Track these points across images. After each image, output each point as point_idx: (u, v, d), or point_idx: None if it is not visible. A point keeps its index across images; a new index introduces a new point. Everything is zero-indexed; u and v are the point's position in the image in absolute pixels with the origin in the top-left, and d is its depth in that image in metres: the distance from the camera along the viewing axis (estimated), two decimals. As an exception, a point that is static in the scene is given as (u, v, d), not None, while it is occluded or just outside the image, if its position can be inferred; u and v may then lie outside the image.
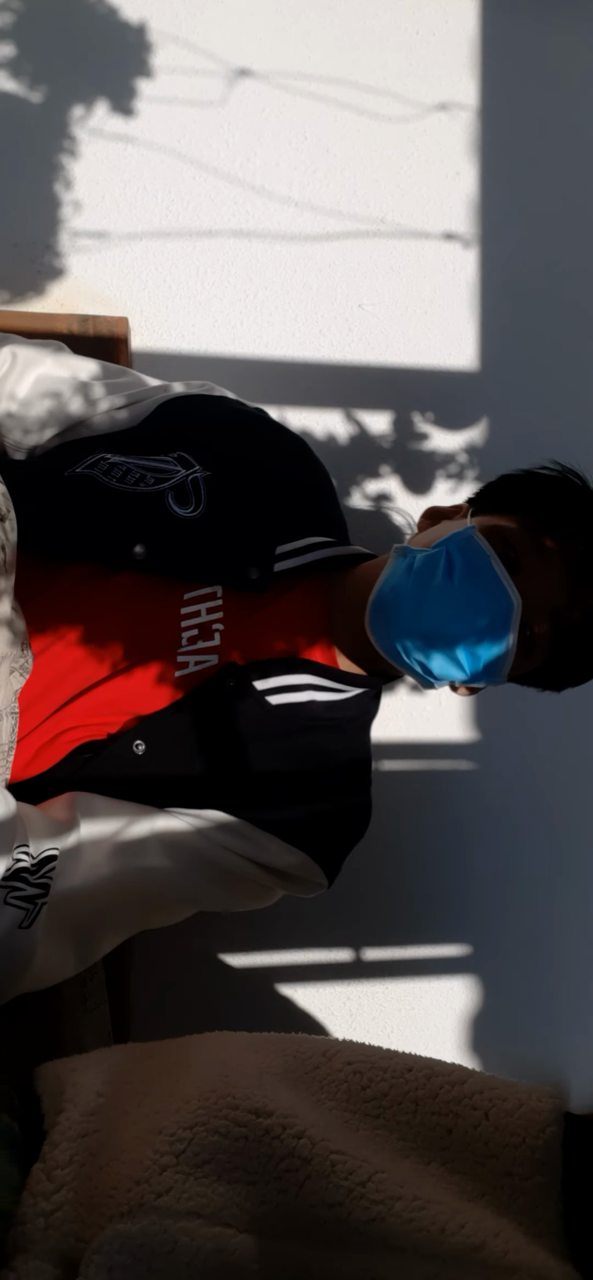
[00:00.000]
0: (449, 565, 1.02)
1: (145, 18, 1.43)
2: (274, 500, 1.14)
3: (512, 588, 1.01)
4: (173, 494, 1.07)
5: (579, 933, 1.61)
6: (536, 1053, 1.60)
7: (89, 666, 1.03)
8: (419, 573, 1.03)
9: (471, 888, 1.57)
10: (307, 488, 1.20)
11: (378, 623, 1.06)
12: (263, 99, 1.48)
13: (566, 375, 1.60)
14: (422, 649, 1.04)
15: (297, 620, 1.10)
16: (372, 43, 1.51)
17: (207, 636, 1.05)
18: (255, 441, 1.18)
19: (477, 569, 1.02)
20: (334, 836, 1.11)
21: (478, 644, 1.02)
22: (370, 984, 1.55)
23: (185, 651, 1.04)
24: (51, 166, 1.42)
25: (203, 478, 1.09)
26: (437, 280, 1.55)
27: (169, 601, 1.06)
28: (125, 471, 1.08)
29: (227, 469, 1.11)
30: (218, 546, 1.07)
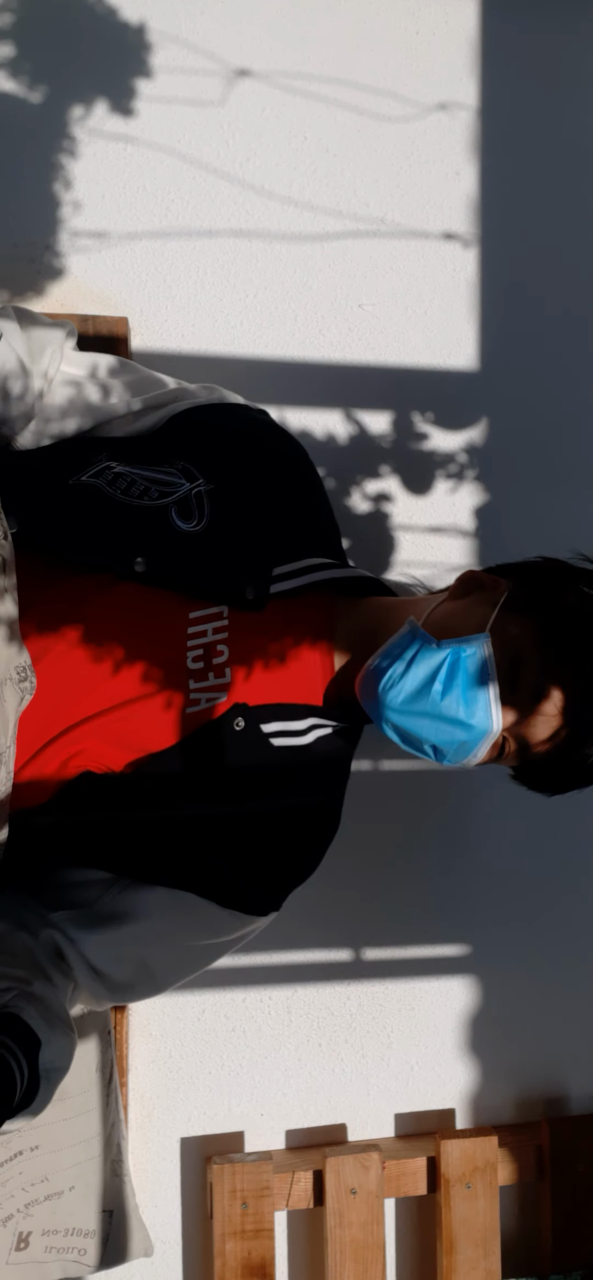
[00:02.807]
0: (449, 676, 1.05)
1: (145, 18, 1.43)
2: (275, 518, 1.15)
3: (498, 714, 1.05)
4: (176, 508, 1.08)
5: (579, 933, 1.61)
6: (536, 1053, 1.60)
7: (97, 690, 1.04)
8: (415, 673, 1.06)
9: (470, 888, 1.57)
10: (306, 502, 1.21)
11: (366, 690, 1.09)
12: (263, 99, 1.48)
13: (566, 375, 1.60)
14: (398, 738, 1.09)
15: (299, 640, 1.11)
16: (372, 43, 1.51)
17: (215, 669, 1.06)
18: (259, 456, 1.18)
19: (473, 686, 1.05)
20: (291, 885, 1.16)
21: (449, 750, 1.08)
22: (370, 984, 1.55)
23: (197, 689, 1.06)
24: (51, 166, 1.42)
25: (206, 491, 1.10)
26: (437, 280, 1.55)
27: (174, 619, 1.07)
28: (130, 483, 1.08)
29: (230, 484, 1.12)
30: (217, 563, 1.08)
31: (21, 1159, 1.30)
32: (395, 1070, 1.56)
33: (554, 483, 1.60)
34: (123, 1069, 1.41)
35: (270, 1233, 1.44)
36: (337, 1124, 1.54)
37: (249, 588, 1.08)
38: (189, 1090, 1.49)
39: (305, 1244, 1.53)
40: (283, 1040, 1.52)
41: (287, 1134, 1.53)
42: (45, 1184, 1.31)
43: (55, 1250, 1.32)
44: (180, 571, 1.06)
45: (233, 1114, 1.51)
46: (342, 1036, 1.54)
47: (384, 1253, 1.47)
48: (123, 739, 1.05)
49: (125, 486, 1.08)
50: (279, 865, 1.13)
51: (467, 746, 1.07)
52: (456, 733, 1.06)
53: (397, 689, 1.05)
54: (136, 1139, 1.47)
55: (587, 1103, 1.61)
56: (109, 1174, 1.37)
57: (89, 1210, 1.35)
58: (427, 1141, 1.54)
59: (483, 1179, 1.51)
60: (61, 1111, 1.32)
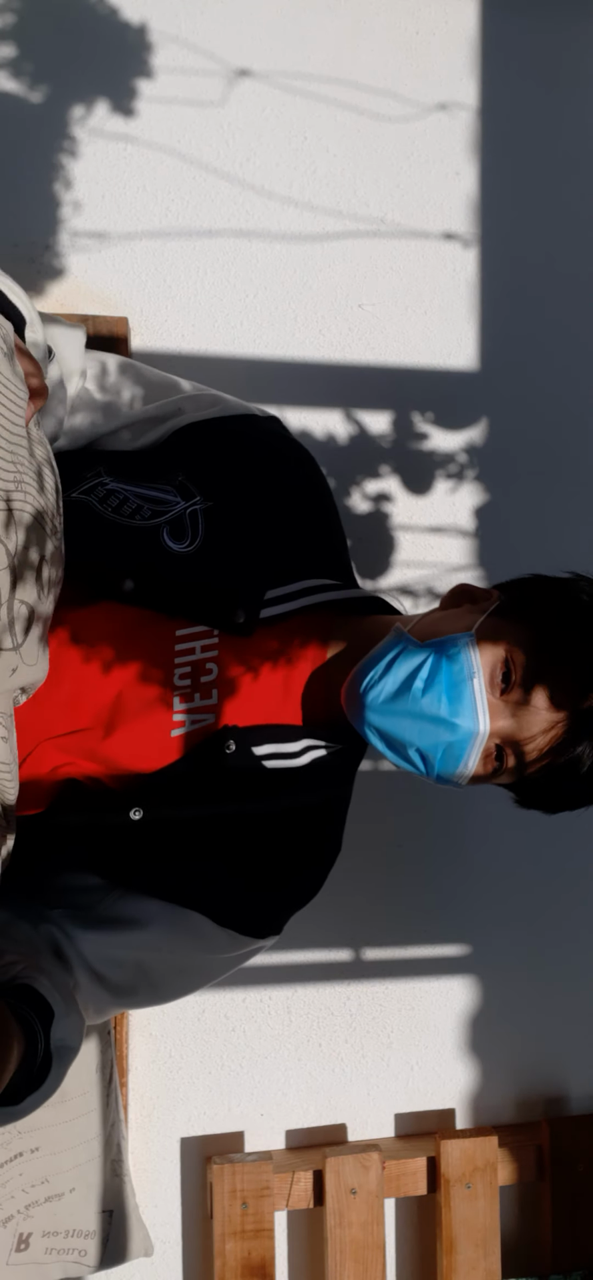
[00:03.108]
0: (431, 673, 1.01)
1: (145, 18, 1.43)
2: (275, 537, 1.12)
3: (484, 714, 1.00)
4: (168, 528, 1.05)
5: (579, 933, 1.61)
6: (536, 1053, 1.60)
7: (81, 705, 1.02)
8: (396, 673, 1.02)
9: (470, 888, 1.57)
10: (312, 518, 1.17)
11: (349, 697, 1.05)
12: (263, 99, 1.48)
13: (565, 374, 1.60)
14: (382, 743, 1.04)
15: (293, 662, 1.08)
16: (372, 43, 1.51)
17: (203, 689, 1.04)
18: (263, 472, 1.15)
19: (456, 683, 1.00)
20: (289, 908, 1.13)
21: (435, 757, 1.02)
22: (370, 984, 1.55)
23: (183, 710, 1.03)
24: (51, 166, 1.42)
25: (202, 510, 1.07)
26: (437, 280, 1.55)
27: (162, 635, 1.04)
28: (122, 501, 1.06)
29: (229, 501, 1.09)
30: (208, 586, 1.05)
31: (22, 1160, 1.30)
32: (395, 1070, 1.56)
33: (554, 482, 1.60)
34: (123, 1069, 1.41)
35: (270, 1233, 1.44)
36: (337, 1124, 1.54)
37: (240, 611, 1.05)
38: (189, 1090, 1.49)
39: (305, 1244, 1.53)
40: (283, 1040, 1.52)
41: (287, 1134, 1.53)
42: (46, 1185, 1.31)
43: (55, 1251, 1.32)
44: (169, 595, 1.04)
45: (233, 1114, 1.51)
46: (342, 1036, 1.54)
47: (384, 1253, 1.47)
48: (107, 760, 1.03)
49: (117, 504, 1.05)
50: (276, 888, 1.10)
51: (454, 750, 1.01)
52: (440, 733, 1.01)
53: (377, 689, 1.02)
54: (136, 1139, 1.47)
55: (587, 1103, 1.61)
56: (109, 1174, 1.37)
57: (89, 1211, 1.35)
58: (427, 1141, 1.54)
59: (483, 1179, 1.51)
60: (62, 1114, 1.32)
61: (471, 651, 1.01)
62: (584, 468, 1.61)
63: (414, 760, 1.03)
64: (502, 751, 1.03)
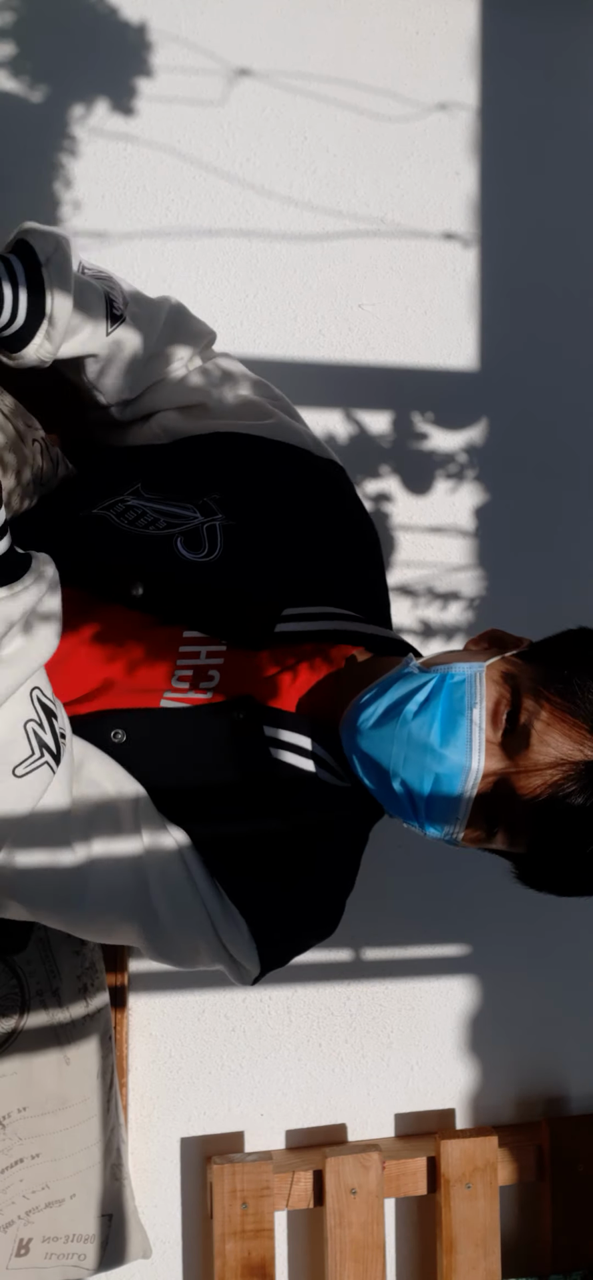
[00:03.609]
0: (428, 697, 0.91)
1: (145, 17, 1.43)
2: (299, 560, 1.05)
3: (479, 750, 0.89)
4: (182, 538, 1.02)
5: (579, 933, 1.61)
6: (536, 1053, 1.60)
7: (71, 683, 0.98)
8: (392, 694, 0.93)
9: (471, 887, 1.57)
10: (346, 553, 1.10)
11: (344, 723, 0.97)
12: (263, 99, 1.48)
13: (566, 375, 1.60)
14: (365, 771, 0.95)
15: (300, 687, 1.02)
16: (372, 43, 1.51)
17: (200, 689, 0.98)
18: (296, 495, 1.08)
19: (453, 712, 0.90)
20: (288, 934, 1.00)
21: (421, 791, 0.91)
22: (370, 984, 1.55)
23: (172, 696, 0.97)
24: (51, 166, 1.42)
25: (223, 526, 1.03)
26: (437, 280, 1.55)
27: (168, 636, 1.00)
28: (139, 515, 1.03)
29: (253, 520, 1.05)
30: (223, 595, 1.00)
31: (22, 1166, 1.30)
32: (395, 1070, 1.56)
33: (554, 482, 1.60)
34: (123, 1069, 1.41)
35: (270, 1233, 1.44)
36: (337, 1124, 1.54)
37: (253, 624, 0.99)
38: (189, 1090, 1.49)
39: (305, 1244, 1.53)
40: (283, 1040, 1.52)
41: (287, 1134, 1.53)
42: (46, 1191, 1.32)
43: (55, 1256, 1.32)
44: (179, 600, 0.99)
45: (233, 1114, 1.51)
46: (342, 1036, 1.54)
47: (384, 1253, 1.47)
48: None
49: (134, 518, 1.03)
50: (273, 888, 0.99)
51: (442, 787, 0.89)
52: (426, 762, 0.89)
53: (370, 710, 0.93)
54: (136, 1139, 1.47)
55: (587, 1103, 1.61)
56: (109, 1178, 1.37)
57: (89, 1215, 1.35)
58: (427, 1141, 1.54)
59: (483, 1179, 1.51)
60: (63, 1120, 1.32)
61: (477, 684, 0.91)
62: (585, 467, 1.61)
63: (398, 794, 0.92)
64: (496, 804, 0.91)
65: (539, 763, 0.88)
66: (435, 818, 0.92)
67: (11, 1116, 1.30)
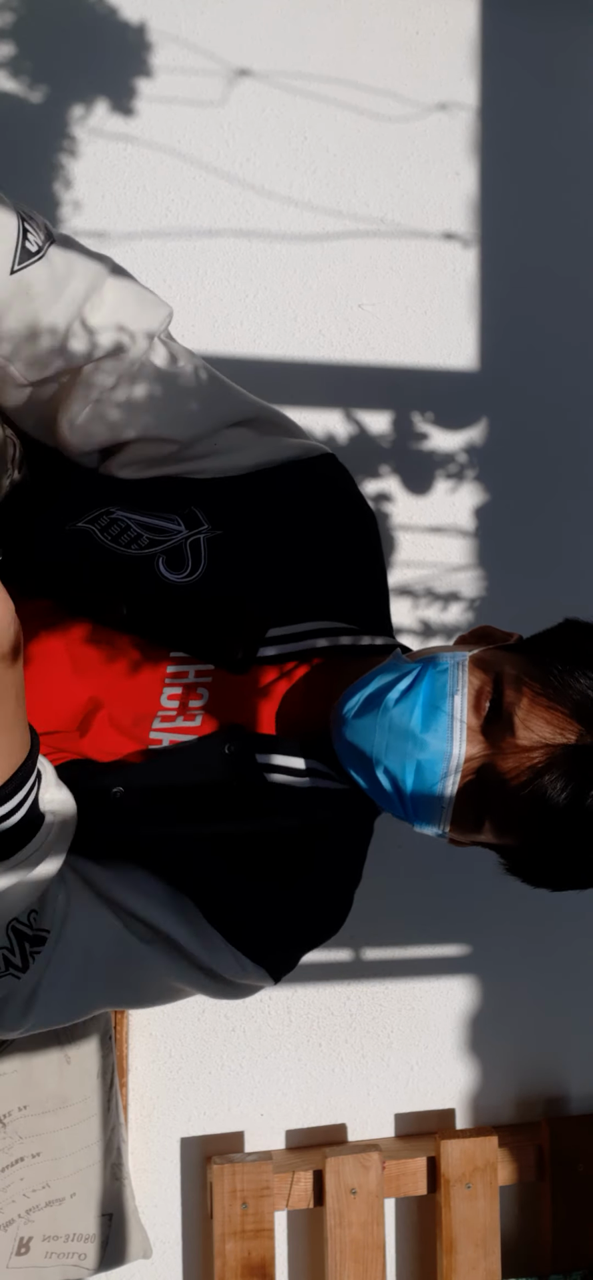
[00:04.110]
0: (411, 685, 0.90)
1: (145, 17, 1.43)
2: (287, 573, 1.01)
3: (461, 735, 0.88)
4: (165, 558, 0.98)
5: (579, 933, 1.61)
6: (536, 1053, 1.60)
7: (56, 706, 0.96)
8: (376, 683, 0.92)
9: (470, 887, 1.57)
10: (338, 560, 1.05)
11: (333, 719, 0.95)
12: (263, 99, 1.48)
13: (566, 375, 1.60)
14: (351, 762, 0.93)
15: (293, 707, 0.99)
16: (372, 43, 1.51)
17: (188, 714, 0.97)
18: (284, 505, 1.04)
19: (435, 698, 0.89)
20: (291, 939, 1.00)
21: (405, 779, 0.90)
22: (370, 984, 1.55)
23: (161, 729, 0.95)
24: (51, 166, 1.42)
25: (208, 539, 0.99)
26: (437, 280, 1.55)
27: (155, 654, 0.97)
28: (123, 529, 0.99)
29: (240, 531, 1.01)
30: (206, 616, 0.97)
31: (23, 1165, 1.30)
32: (395, 1070, 1.56)
33: (554, 482, 1.60)
34: (123, 1069, 1.41)
35: (270, 1233, 1.44)
36: (337, 1124, 1.54)
37: (238, 648, 0.96)
38: (189, 1090, 1.49)
39: (305, 1244, 1.53)
40: (283, 1040, 1.52)
41: (287, 1134, 1.53)
42: (46, 1190, 1.32)
43: (55, 1255, 1.32)
44: (162, 623, 0.97)
45: (233, 1114, 1.51)
46: (342, 1036, 1.54)
47: (384, 1253, 1.47)
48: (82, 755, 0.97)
49: (117, 533, 0.98)
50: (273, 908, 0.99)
51: (425, 774, 0.88)
52: (407, 748, 0.88)
53: (353, 701, 0.92)
54: (137, 1139, 1.47)
55: (587, 1103, 1.61)
56: (109, 1178, 1.37)
57: (89, 1215, 1.35)
58: (427, 1141, 1.54)
59: (483, 1179, 1.51)
60: (63, 1119, 1.32)
61: (460, 672, 0.90)
62: (585, 467, 1.61)
63: (383, 783, 0.91)
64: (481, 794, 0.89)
65: (521, 747, 0.87)
66: (421, 808, 0.91)
67: (12, 1115, 1.30)
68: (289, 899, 0.98)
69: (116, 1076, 1.38)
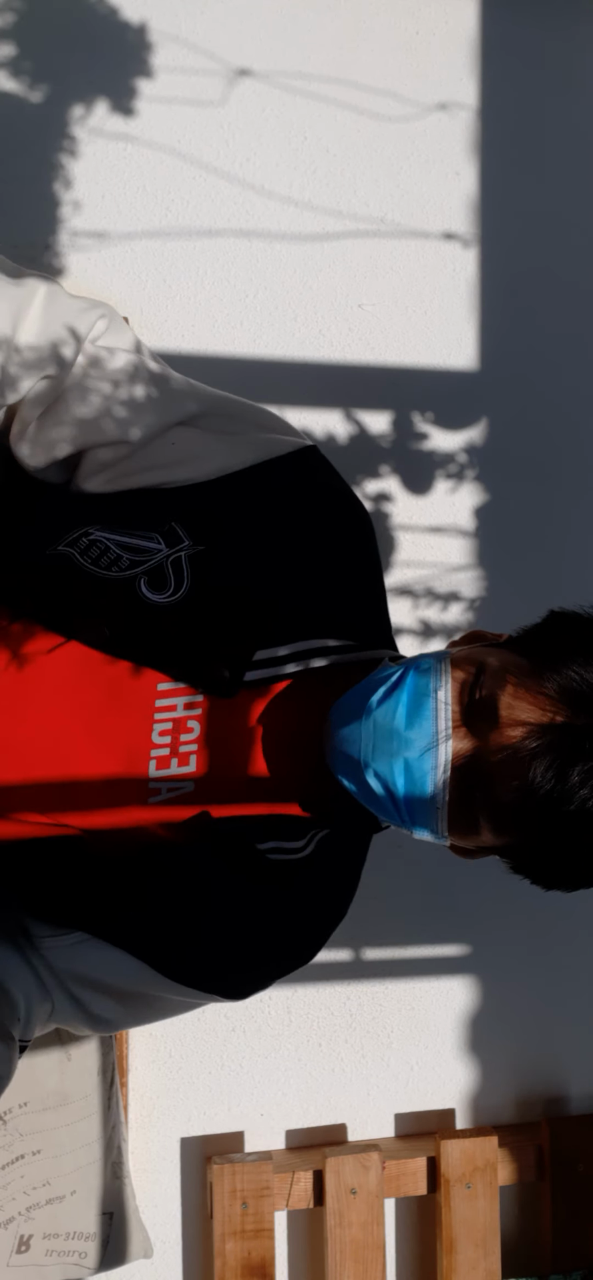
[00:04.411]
0: (394, 685, 0.89)
1: (145, 17, 1.43)
2: (273, 589, 0.98)
3: (445, 729, 0.86)
4: (146, 579, 0.95)
5: (579, 933, 1.61)
6: (536, 1053, 1.60)
7: (43, 751, 0.94)
8: (361, 689, 0.92)
9: (470, 887, 1.57)
10: (330, 571, 1.01)
11: (325, 729, 0.94)
12: (263, 99, 1.48)
13: (566, 374, 1.60)
14: (343, 771, 0.92)
15: (285, 731, 0.97)
16: (372, 43, 1.51)
17: (181, 756, 0.94)
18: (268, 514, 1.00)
19: (418, 696, 0.88)
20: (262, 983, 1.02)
21: (395, 781, 0.88)
22: (370, 984, 1.55)
23: (158, 778, 0.94)
24: (51, 166, 1.42)
25: (189, 555, 0.96)
26: (437, 280, 1.55)
27: (142, 687, 0.95)
28: (103, 551, 0.96)
29: (222, 544, 0.98)
30: (187, 639, 0.95)
31: (23, 1162, 1.30)
32: (395, 1070, 1.56)
33: (555, 482, 1.60)
34: (123, 1069, 1.41)
35: (270, 1233, 1.44)
36: (337, 1124, 1.54)
37: (225, 669, 0.93)
38: (189, 1090, 1.49)
39: (305, 1244, 1.53)
40: (283, 1040, 1.52)
41: (287, 1134, 1.53)
42: (47, 1188, 1.32)
43: (56, 1253, 1.32)
44: (145, 646, 0.94)
45: (233, 1114, 1.51)
46: (342, 1036, 1.54)
47: (384, 1253, 1.47)
48: (72, 817, 0.95)
49: (97, 555, 0.96)
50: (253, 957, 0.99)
51: (414, 773, 0.87)
52: (393, 747, 0.87)
53: (341, 708, 0.91)
54: (137, 1139, 1.47)
55: (587, 1103, 1.61)
56: (109, 1176, 1.37)
57: (90, 1213, 1.35)
58: (427, 1141, 1.54)
59: (483, 1179, 1.51)
60: (64, 1116, 1.32)
61: (442, 667, 0.89)
62: (585, 467, 1.61)
63: (374, 787, 0.89)
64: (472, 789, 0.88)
65: (506, 734, 0.85)
66: (416, 808, 0.90)
67: (12, 1112, 1.30)
68: (258, 923, 0.96)
69: (117, 1074, 1.38)
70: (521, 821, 0.87)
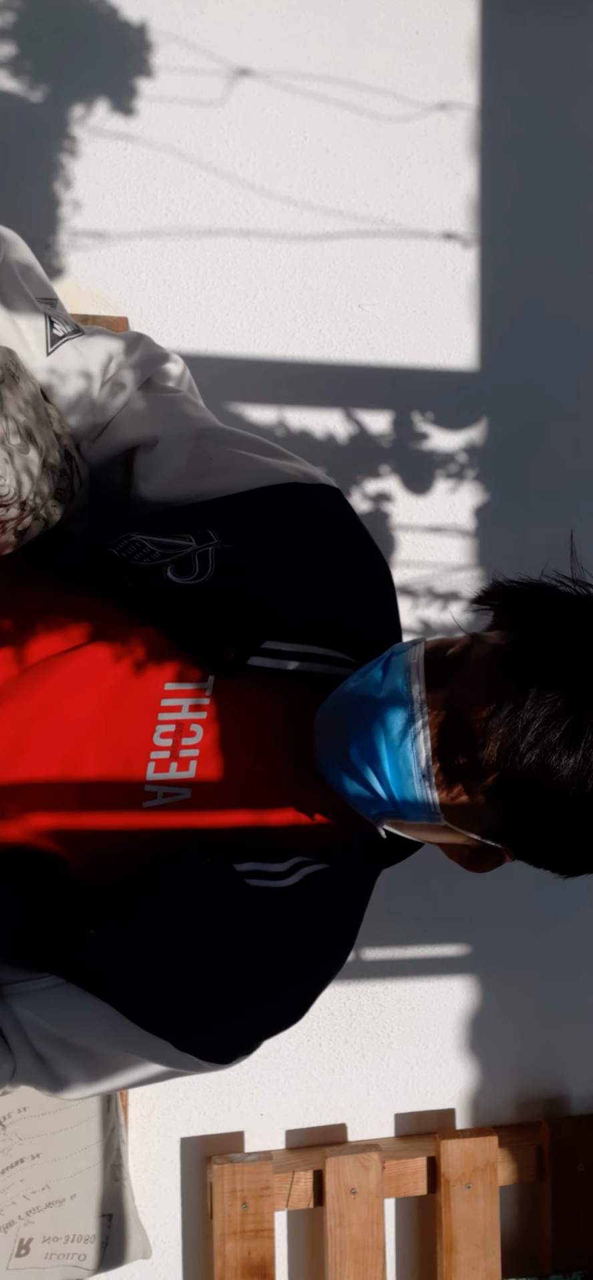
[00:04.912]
0: (371, 665, 0.92)
1: (146, 17, 1.43)
2: (291, 593, 1.00)
3: (419, 678, 0.87)
4: (173, 566, 0.99)
5: (579, 933, 1.61)
6: (536, 1053, 1.60)
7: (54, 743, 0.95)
8: (348, 681, 0.93)
9: (470, 887, 1.57)
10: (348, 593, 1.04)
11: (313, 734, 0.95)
12: (263, 99, 1.48)
13: (565, 374, 1.60)
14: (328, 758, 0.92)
15: (286, 741, 0.98)
16: (372, 43, 1.51)
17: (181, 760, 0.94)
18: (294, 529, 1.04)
19: (392, 666, 0.90)
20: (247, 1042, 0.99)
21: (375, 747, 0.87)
22: (370, 984, 1.55)
23: (155, 782, 0.94)
24: (51, 165, 1.42)
25: (216, 550, 1.00)
26: (437, 280, 1.55)
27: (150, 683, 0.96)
28: (139, 549, 1.01)
29: (250, 546, 1.01)
30: (203, 614, 0.97)
31: (23, 1166, 1.30)
32: (395, 1070, 1.56)
33: (554, 482, 1.60)
34: (123, 1069, 1.41)
35: (270, 1233, 1.44)
36: (337, 1124, 1.54)
37: (230, 649, 0.95)
38: (189, 1090, 1.49)
39: (305, 1244, 1.53)
40: (283, 1040, 1.51)
41: (287, 1134, 1.53)
42: (46, 1191, 1.32)
43: (55, 1256, 1.32)
44: (161, 610, 0.97)
45: (233, 1114, 1.51)
46: (342, 1036, 1.54)
47: (384, 1253, 1.47)
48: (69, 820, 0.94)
49: (132, 552, 1.01)
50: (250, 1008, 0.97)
51: (390, 730, 0.86)
52: (369, 711, 0.87)
53: (325, 703, 0.93)
54: (136, 1139, 1.47)
55: (587, 1103, 1.61)
56: (109, 1178, 1.37)
57: (89, 1215, 1.35)
58: (427, 1141, 1.54)
59: (483, 1179, 1.51)
60: (63, 1120, 1.32)
61: (418, 645, 0.91)
62: (585, 466, 1.61)
63: (356, 763, 0.88)
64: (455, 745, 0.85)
65: (478, 662, 0.86)
66: (403, 777, 0.87)
67: (12, 1117, 1.30)
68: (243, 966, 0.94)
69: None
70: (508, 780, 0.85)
